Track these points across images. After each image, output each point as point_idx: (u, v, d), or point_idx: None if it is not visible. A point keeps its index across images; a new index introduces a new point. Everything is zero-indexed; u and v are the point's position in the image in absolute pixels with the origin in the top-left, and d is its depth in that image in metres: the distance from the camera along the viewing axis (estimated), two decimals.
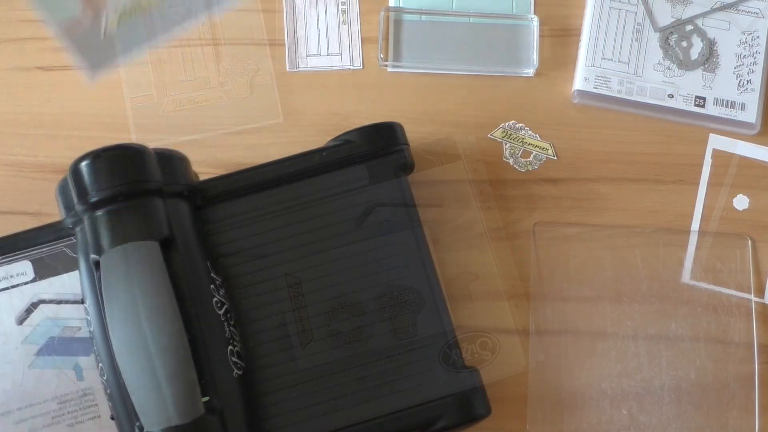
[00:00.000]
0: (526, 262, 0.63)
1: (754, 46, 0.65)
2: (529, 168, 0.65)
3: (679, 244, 0.64)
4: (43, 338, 0.54)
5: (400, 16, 0.66)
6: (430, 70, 0.65)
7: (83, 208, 0.50)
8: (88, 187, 0.49)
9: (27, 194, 0.61)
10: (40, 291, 0.54)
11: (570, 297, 0.62)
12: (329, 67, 0.65)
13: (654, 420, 0.60)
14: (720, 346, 0.62)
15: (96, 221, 0.49)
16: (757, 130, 0.65)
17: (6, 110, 0.63)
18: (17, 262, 0.54)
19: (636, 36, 0.65)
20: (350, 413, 0.52)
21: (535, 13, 0.67)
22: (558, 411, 0.60)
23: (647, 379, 0.61)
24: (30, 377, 0.53)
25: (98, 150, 0.50)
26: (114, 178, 0.49)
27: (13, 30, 0.64)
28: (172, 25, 0.40)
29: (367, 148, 0.57)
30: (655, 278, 0.63)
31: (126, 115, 0.63)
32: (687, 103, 0.65)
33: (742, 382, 0.61)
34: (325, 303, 0.54)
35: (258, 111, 0.64)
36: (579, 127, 0.65)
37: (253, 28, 0.65)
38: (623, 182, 0.65)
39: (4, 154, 0.62)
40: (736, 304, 0.63)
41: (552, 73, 0.66)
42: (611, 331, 0.62)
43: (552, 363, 0.61)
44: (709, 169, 0.65)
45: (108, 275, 0.48)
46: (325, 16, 0.66)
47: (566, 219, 0.64)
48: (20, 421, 0.53)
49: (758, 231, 0.65)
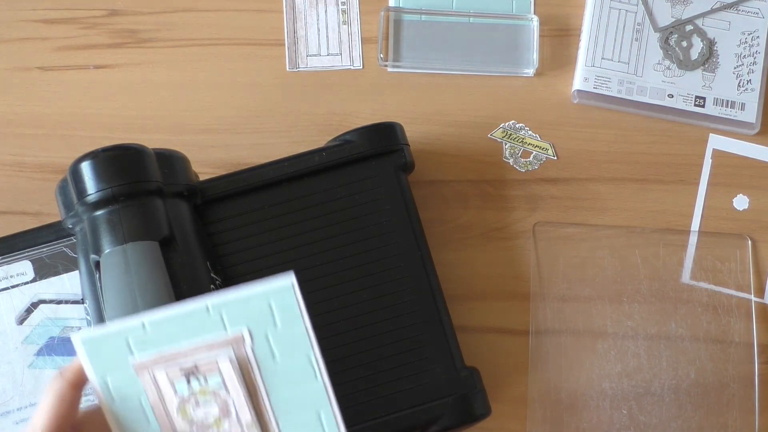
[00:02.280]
0: (526, 262, 0.63)
1: (753, 46, 0.65)
2: (529, 168, 0.65)
3: (679, 244, 0.64)
4: (43, 338, 0.54)
5: (400, 16, 0.66)
6: (430, 70, 0.65)
7: (83, 208, 0.50)
8: (88, 187, 0.49)
9: (27, 194, 0.61)
10: (40, 291, 0.54)
11: (570, 297, 0.62)
12: (329, 67, 0.65)
13: (654, 420, 0.60)
14: (720, 346, 0.62)
15: (96, 221, 0.49)
16: (757, 130, 0.65)
17: (6, 110, 0.63)
18: (17, 262, 0.54)
19: (636, 36, 0.65)
20: (351, 413, 0.52)
21: (535, 13, 0.67)
22: (558, 411, 0.60)
23: (647, 379, 0.61)
24: (30, 377, 0.53)
25: (98, 150, 0.50)
26: (114, 178, 0.49)
27: (13, 30, 0.64)
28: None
29: (367, 148, 0.57)
30: (655, 278, 0.63)
31: (126, 114, 0.63)
32: (687, 103, 0.65)
33: (742, 382, 0.61)
34: (324, 303, 0.54)
35: None
36: (579, 127, 0.65)
37: (253, 28, 0.65)
38: (623, 182, 0.65)
39: (4, 154, 0.62)
40: (736, 304, 0.63)
41: (552, 73, 0.66)
42: (611, 331, 0.62)
43: (552, 363, 0.61)
44: (709, 169, 0.65)
45: (108, 275, 0.48)
46: (325, 16, 0.66)
47: (566, 219, 0.64)
48: (20, 421, 0.53)
49: (758, 231, 0.65)
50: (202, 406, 0.40)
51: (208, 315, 0.39)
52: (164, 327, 0.39)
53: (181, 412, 0.40)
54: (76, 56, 0.64)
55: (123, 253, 0.48)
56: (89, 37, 0.64)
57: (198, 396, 0.40)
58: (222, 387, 0.40)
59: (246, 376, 0.40)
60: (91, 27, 0.64)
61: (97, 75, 0.64)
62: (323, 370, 0.41)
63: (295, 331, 0.40)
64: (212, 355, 0.40)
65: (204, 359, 0.40)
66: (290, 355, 0.40)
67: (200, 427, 0.40)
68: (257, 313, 0.40)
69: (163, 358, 0.39)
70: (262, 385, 0.40)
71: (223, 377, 0.40)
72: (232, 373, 0.40)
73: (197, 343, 0.39)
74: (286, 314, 0.40)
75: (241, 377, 0.40)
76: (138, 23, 0.65)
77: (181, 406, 0.40)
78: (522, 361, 0.61)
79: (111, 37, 0.64)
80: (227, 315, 0.39)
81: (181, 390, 0.40)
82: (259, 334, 0.40)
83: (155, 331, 0.39)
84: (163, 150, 0.53)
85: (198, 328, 0.39)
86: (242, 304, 0.39)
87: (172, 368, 0.40)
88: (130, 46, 0.64)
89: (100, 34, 0.64)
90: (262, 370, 0.40)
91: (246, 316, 0.39)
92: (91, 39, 0.64)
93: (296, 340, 0.40)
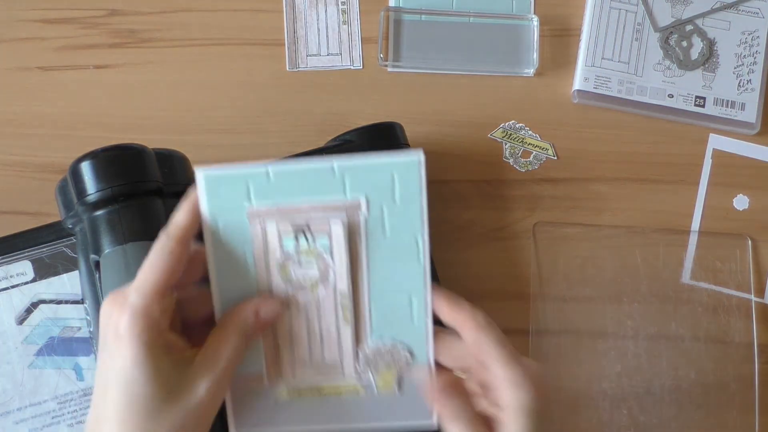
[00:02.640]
0: (526, 262, 0.63)
1: (753, 46, 0.65)
2: (529, 168, 0.65)
3: (679, 244, 0.64)
4: (43, 338, 0.54)
5: (400, 16, 0.66)
6: (430, 70, 0.65)
7: (83, 208, 0.50)
8: (87, 187, 0.49)
9: (27, 194, 0.61)
10: (40, 291, 0.54)
11: (570, 297, 0.62)
12: (329, 67, 0.65)
13: (654, 420, 0.60)
14: (720, 346, 0.62)
15: (96, 221, 0.49)
16: (757, 130, 0.65)
17: (6, 110, 0.63)
18: (17, 262, 0.54)
19: (636, 36, 0.65)
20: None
21: (535, 13, 0.67)
22: (558, 411, 0.60)
23: (647, 379, 0.61)
24: (30, 377, 0.53)
25: (98, 150, 0.50)
26: (114, 178, 0.49)
27: (13, 30, 0.64)
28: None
29: (367, 149, 0.56)
30: (655, 278, 0.63)
31: (126, 114, 0.63)
32: (687, 103, 0.65)
33: (742, 382, 0.61)
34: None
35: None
36: (579, 127, 0.65)
37: (253, 28, 0.65)
38: (623, 182, 0.65)
39: (4, 154, 0.62)
40: (736, 304, 0.63)
41: (552, 73, 0.66)
42: (611, 331, 0.62)
43: (552, 363, 0.61)
44: (709, 169, 0.65)
45: (108, 275, 0.48)
46: (325, 16, 0.66)
47: (566, 219, 0.64)
48: (20, 421, 0.53)
49: (758, 231, 0.65)
50: (303, 266, 0.40)
51: (332, 176, 0.39)
52: (287, 179, 0.39)
53: (281, 270, 0.40)
54: (76, 56, 0.64)
55: (123, 253, 0.48)
56: (89, 37, 0.64)
57: (302, 256, 0.40)
58: (327, 251, 0.40)
59: (352, 246, 0.40)
60: (91, 27, 0.64)
61: (97, 75, 0.64)
62: (427, 255, 0.41)
63: (411, 209, 0.40)
64: (326, 216, 0.39)
65: (317, 219, 0.40)
66: (400, 232, 0.40)
67: (295, 287, 0.41)
68: (379, 183, 0.40)
69: (279, 211, 0.39)
70: (365, 258, 0.41)
71: (331, 240, 0.40)
72: (342, 238, 0.40)
73: (314, 203, 0.39)
74: (406, 190, 0.40)
75: (347, 245, 0.40)
76: (138, 23, 0.65)
77: (282, 264, 0.40)
78: None
79: (111, 37, 0.64)
80: (350, 179, 0.39)
81: (287, 246, 0.40)
82: (375, 205, 0.40)
83: (278, 181, 0.39)
84: (163, 150, 0.53)
85: (319, 188, 0.39)
86: (367, 171, 0.39)
87: (284, 223, 0.40)
88: (130, 46, 0.64)
89: (100, 34, 0.64)
90: (369, 241, 0.40)
91: (367, 185, 0.39)
92: (91, 39, 0.64)
93: (410, 219, 0.40)
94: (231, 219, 0.40)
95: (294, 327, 0.41)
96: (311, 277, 0.40)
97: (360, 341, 0.42)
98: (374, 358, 0.42)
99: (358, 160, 0.39)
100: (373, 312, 0.41)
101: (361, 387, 0.42)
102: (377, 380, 0.42)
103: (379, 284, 0.41)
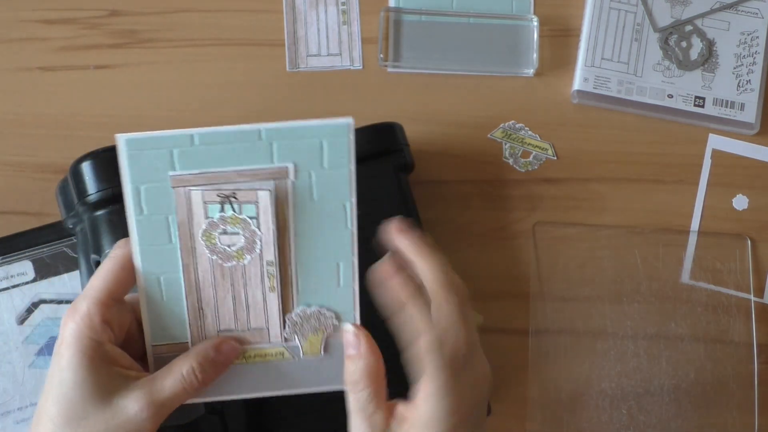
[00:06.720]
0: (526, 262, 0.63)
1: (753, 47, 0.66)
2: (529, 168, 0.65)
3: (679, 244, 0.64)
4: (43, 338, 0.54)
5: (400, 16, 0.66)
6: (430, 70, 0.66)
7: (84, 208, 0.50)
8: (88, 187, 0.49)
9: (27, 194, 0.61)
10: (40, 291, 0.54)
11: (570, 297, 0.62)
12: (329, 67, 0.65)
13: (654, 420, 0.60)
14: (720, 346, 0.62)
15: (96, 221, 0.49)
16: (756, 130, 0.65)
17: (6, 110, 0.63)
18: (18, 262, 0.54)
19: (635, 36, 0.65)
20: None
21: (535, 13, 0.67)
22: (558, 411, 0.60)
23: (647, 379, 0.61)
24: (30, 377, 0.53)
25: (98, 150, 0.50)
26: (114, 178, 0.49)
27: (13, 30, 0.64)
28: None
29: (367, 149, 0.57)
30: (655, 278, 0.63)
31: (125, 114, 0.63)
32: (686, 103, 0.65)
33: (741, 382, 0.61)
34: None
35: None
36: (579, 127, 0.65)
37: (253, 28, 0.65)
38: (623, 182, 0.65)
39: (4, 154, 0.62)
40: (736, 304, 0.63)
41: (552, 73, 0.66)
42: (611, 331, 0.62)
43: (552, 363, 0.61)
44: (709, 169, 0.65)
45: None
46: (325, 17, 0.66)
47: (566, 219, 0.64)
48: (20, 421, 0.53)
49: (758, 231, 0.65)
50: (228, 234, 0.40)
51: (258, 141, 0.39)
52: (212, 145, 0.39)
53: (205, 237, 0.40)
54: (76, 56, 0.64)
55: None
56: (90, 37, 0.64)
57: (228, 223, 0.40)
58: (254, 219, 0.40)
59: (280, 213, 0.40)
60: (91, 27, 0.64)
61: (97, 75, 0.64)
62: (355, 221, 0.41)
63: (339, 174, 0.40)
64: (253, 185, 0.39)
65: (244, 187, 0.39)
66: (328, 198, 0.40)
67: (221, 255, 0.40)
68: (307, 148, 0.39)
69: (205, 178, 0.39)
70: (293, 225, 0.40)
71: (258, 210, 0.40)
72: (269, 208, 0.40)
73: (240, 170, 0.39)
74: (335, 155, 0.39)
75: (275, 215, 0.40)
76: (138, 23, 0.65)
77: (207, 231, 0.40)
78: (522, 361, 0.61)
79: (111, 37, 0.64)
80: (277, 145, 0.39)
81: (212, 214, 0.40)
82: (303, 171, 0.40)
83: (203, 146, 0.39)
84: None
85: (245, 155, 0.39)
86: (295, 137, 0.39)
87: (210, 190, 0.39)
88: (131, 46, 0.64)
89: (100, 35, 0.64)
90: (297, 208, 0.40)
91: (295, 150, 0.39)
92: (92, 39, 0.64)
93: (338, 185, 0.40)
94: (154, 187, 0.39)
95: (219, 295, 0.41)
96: (238, 245, 0.40)
97: (287, 309, 0.42)
98: (301, 323, 0.42)
99: (285, 125, 0.39)
100: (300, 279, 0.41)
101: (287, 351, 0.42)
102: (304, 345, 0.42)
103: (307, 251, 0.41)
